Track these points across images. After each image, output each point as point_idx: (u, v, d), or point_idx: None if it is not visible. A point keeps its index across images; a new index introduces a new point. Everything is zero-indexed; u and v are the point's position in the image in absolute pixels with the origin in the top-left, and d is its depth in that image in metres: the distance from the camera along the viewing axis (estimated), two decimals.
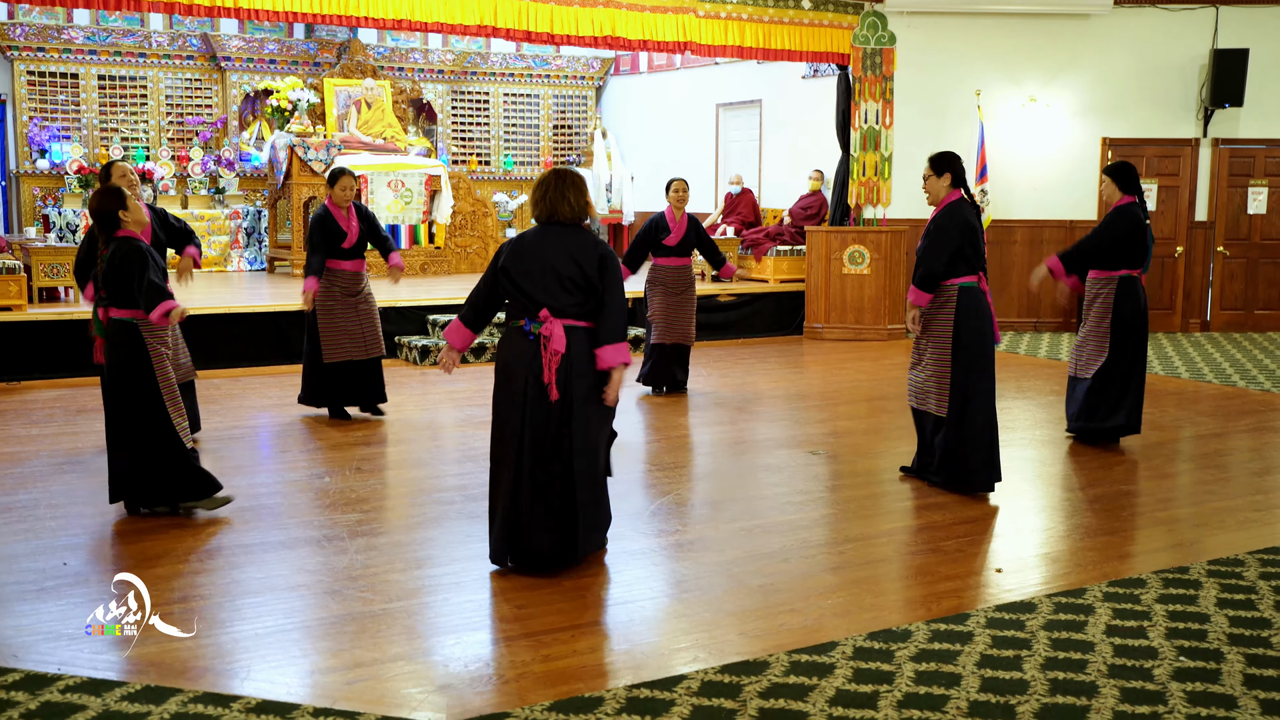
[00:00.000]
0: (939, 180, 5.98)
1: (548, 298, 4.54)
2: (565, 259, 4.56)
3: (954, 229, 5.83)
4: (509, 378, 4.62)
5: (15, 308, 9.31)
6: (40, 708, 3.43)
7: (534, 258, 4.58)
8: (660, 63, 16.18)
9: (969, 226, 5.85)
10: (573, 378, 4.56)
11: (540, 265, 4.56)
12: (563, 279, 4.54)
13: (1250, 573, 4.71)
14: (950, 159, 6.00)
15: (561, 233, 4.64)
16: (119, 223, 5.29)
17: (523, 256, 4.60)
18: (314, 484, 6.15)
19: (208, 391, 8.74)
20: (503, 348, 4.69)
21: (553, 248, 4.59)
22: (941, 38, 12.43)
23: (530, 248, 4.62)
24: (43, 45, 13.95)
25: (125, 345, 5.28)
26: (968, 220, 5.86)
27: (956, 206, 5.91)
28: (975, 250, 5.87)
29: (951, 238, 5.81)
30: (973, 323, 5.84)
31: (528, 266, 4.58)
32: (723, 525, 5.42)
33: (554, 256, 4.56)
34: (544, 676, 3.70)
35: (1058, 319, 12.78)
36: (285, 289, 11.77)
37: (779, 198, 14.19)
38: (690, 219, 8.68)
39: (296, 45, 15.15)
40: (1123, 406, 6.95)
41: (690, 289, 8.73)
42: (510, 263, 4.61)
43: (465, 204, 14.04)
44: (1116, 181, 6.95)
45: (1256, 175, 12.73)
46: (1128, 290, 6.90)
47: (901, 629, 4.08)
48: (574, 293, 4.56)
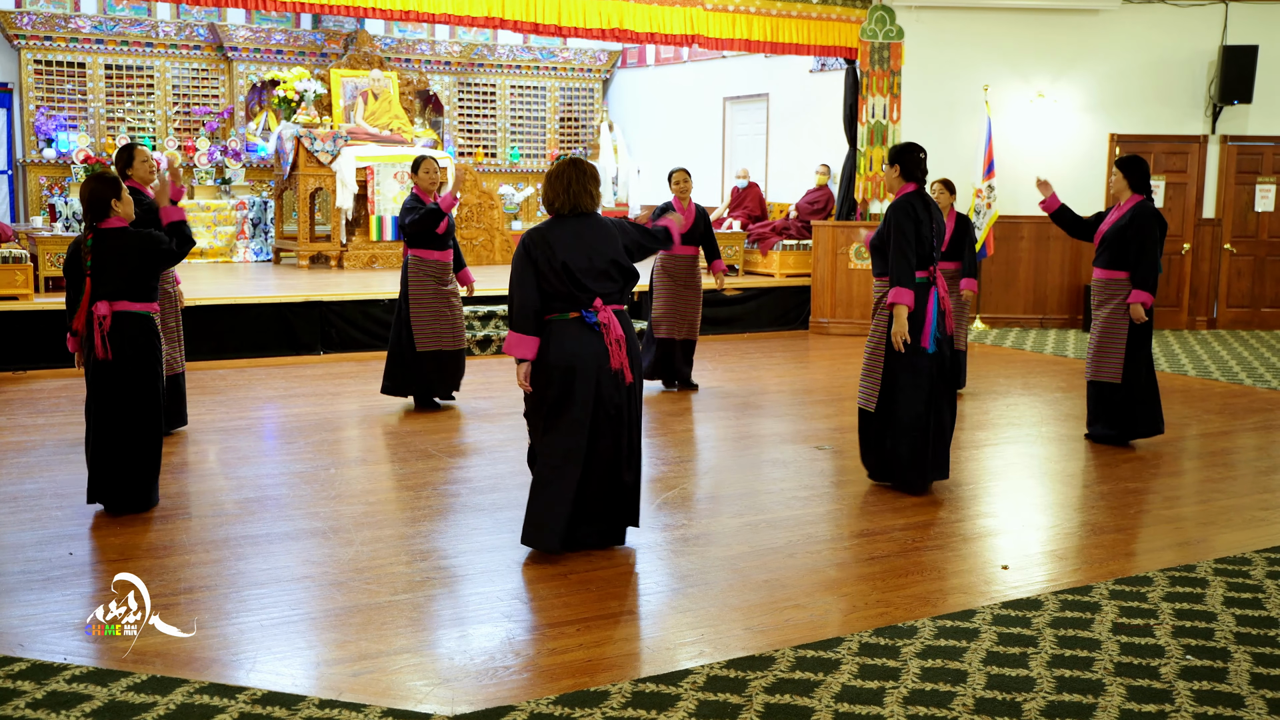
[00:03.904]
0: (890, 171, 5.85)
1: (600, 287, 4.63)
2: (603, 248, 4.65)
3: (909, 226, 5.64)
4: (573, 371, 4.60)
5: (22, 297, 9.32)
6: (46, 697, 3.43)
7: (579, 250, 4.61)
8: (667, 55, 16.14)
9: (916, 219, 5.67)
10: (632, 361, 4.72)
11: (589, 257, 4.61)
12: (609, 268, 4.65)
13: (1257, 571, 4.70)
14: (900, 151, 5.82)
15: (590, 224, 4.69)
16: (109, 211, 5.16)
17: (573, 251, 4.60)
18: (320, 475, 6.15)
19: (213, 382, 8.76)
20: (559, 341, 4.62)
21: (589, 239, 4.64)
22: (949, 32, 12.39)
23: (574, 241, 4.62)
24: (49, 34, 13.93)
25: (139, 339, 5.21)
26: (914, 213, 5.69)
27: (905, 201, 5.74)
28: (920, 244, 5.69)
29: (909, 237, 5.63)
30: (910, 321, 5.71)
31: (579, 260, 4.60)
32: (728, 520, 5.41)
33: (593, 248, 4.63)
34: (549, 670, 3.70)
35: (1064, 315, 12.76)
36: (291, 280, 11.78)
37: (785, 192, 14.16)
38: (699, 209, 8.63)
39: (303, 36, 15.14)
40: (1138, 403, 6.88)
41: (696, 283, 8.71)
42: (568, 258, 4.58)
43: (471, 196, 14.04)
44: (1129, 178, 6.82)
45: (1265, 172, 12.69)
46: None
47: (908, 625, 4.07)
48: (617, 279, 4.70)
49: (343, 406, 8.07)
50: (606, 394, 4.65)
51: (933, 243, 5.76)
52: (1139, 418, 6.91)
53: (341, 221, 13.27)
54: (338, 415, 7.81)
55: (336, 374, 9.29)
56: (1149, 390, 6.92)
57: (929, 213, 5.77)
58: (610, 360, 4.63)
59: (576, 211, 4.69)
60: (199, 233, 13.55)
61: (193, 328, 9.42)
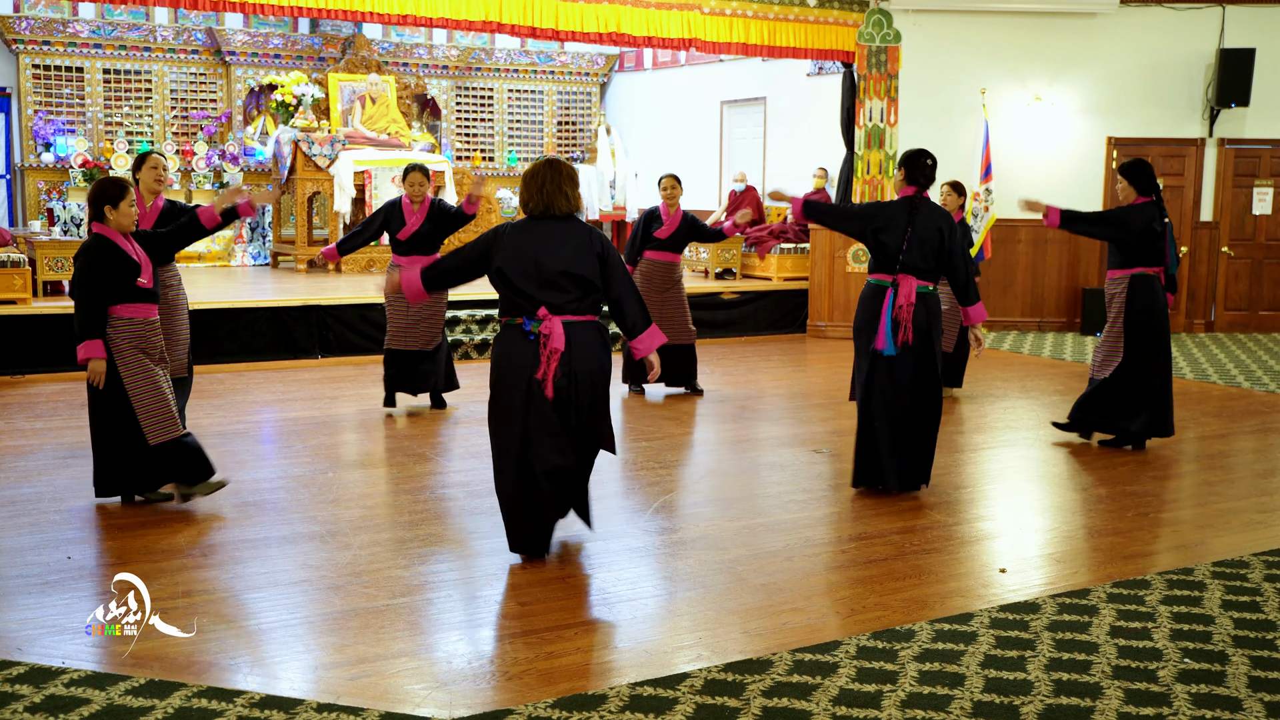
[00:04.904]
0: (898, 175, 5.90)
1: (545, 296, 4.50)
2: (564, 255, 4.51)
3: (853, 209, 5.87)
4: (508, 376, 4.56)
5: (20, 301, 9.31)
6: (44, 701, 3.43)
7: (529, 256, 4.51)
8: (665, 59, 16.16)
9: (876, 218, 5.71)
10: (575, 373, 4.53)
11: (536, 264, 4.50)
12: (561, 276, 4.50)
13: (1255, 574, 4.71)
14: (907, 155, 5.82)
15: (558, 227, 4.57)
16: (102, 216, 5.24)
17: (519, 256, 4.51)
18: (317, 479, 6.15)
19: (211, 386, 8.75)
20: (500, 345, 4.63)
21: (550, 244, 4.52)
22: (947, 36, 12.41)
23: (525, 245, 4.53)
24: (48, 39, 13.94)
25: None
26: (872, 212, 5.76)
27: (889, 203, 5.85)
28: (879, 247, 5.68)
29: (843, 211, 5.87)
30: (861, 317, 5.78)
31: (524, 266, 4.51)
32: (726, 523, 5.41)
33: (552, 253, 4.50)
34: (547, 674, 3.70)
35: (1061, 319, 12.77)
36: (289, 284, 11.78)
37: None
38: (685, 215, 8.56)
39: (301, 40, 15.15)
40: (1143, 407, 6.84)
41: (675, 288, 8.56)
42: (505, 263, 4.52)
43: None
44: (1134, 184, 6.78)
45: (1262, 175, 12.71)
46: (1141, 288, 6.76)
47: (905, 628, 4.07)
48: (570, 290, 4.52)
49: (340, 410, 8.07)
50: (537, 402, 4.52)
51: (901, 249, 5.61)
52: (1149, 419, 6.86)
53: (339, 225, 13.27)
54: (335, 419, 7.81)
55: (334, 378, 9.29)
56: (1164, 393, 6.89)
57: (907, 217, 5.65)
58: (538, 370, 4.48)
59: (550, 214, 4.58)
60: None
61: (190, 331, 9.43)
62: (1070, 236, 12.52)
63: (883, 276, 5.72)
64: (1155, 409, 6.87)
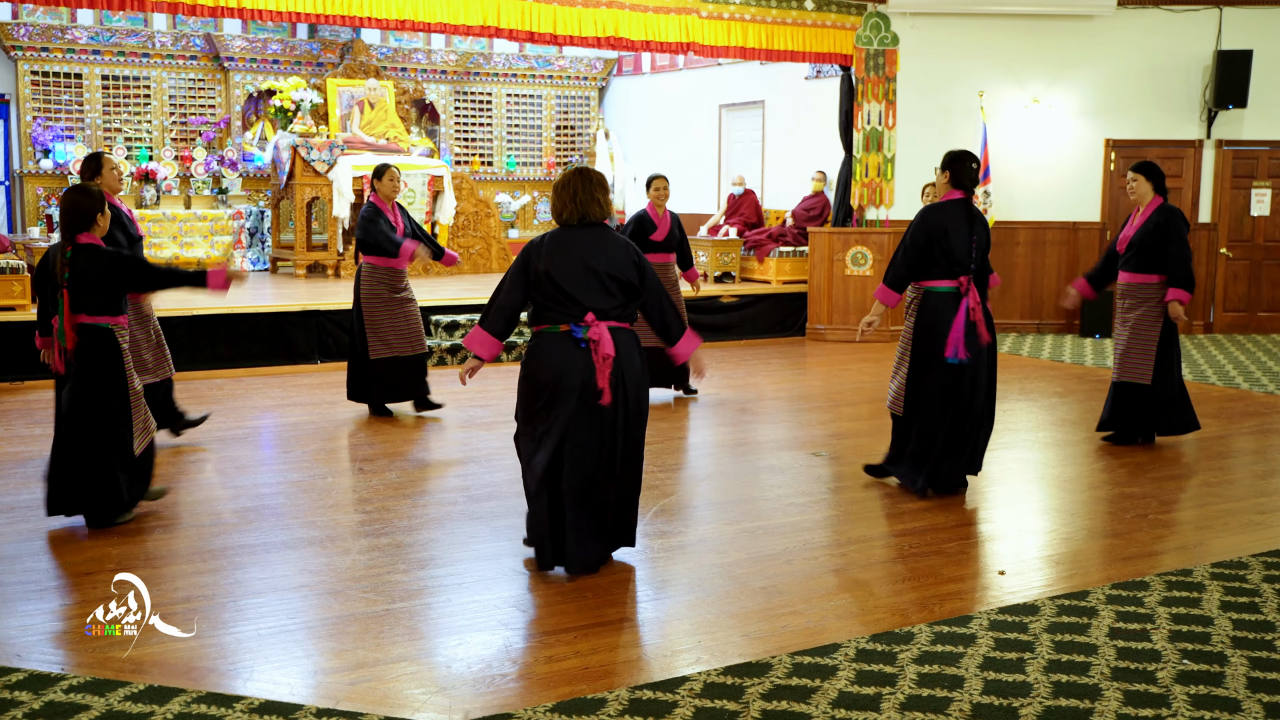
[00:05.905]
0: (941, 177, 5.93)
1: (592, 301, 4.48)
2: (605, 260, 4.50)
3: (920, 238, 5.70)
4: (557, 386, 4.47)
5: (19, 307, 9.31)
6: (44, 707, 3.43)
7: (575, 260, 4.48)
8: (663, 63, 16.16)
9: (939, 229, 5.68)
10: (625, 381, 4.52)
11: (582, 268, 4.47)
12: (605, 281, 4.48)
13: (1254, 575, 4.71)
14: (952, 158, 5.86)
15: (595, 234, 4.56)
16: (91, 225, 5.15)
17: (564, 259, 4.48)
18: (317, 484, 6.15)
19: (210, 391, 8.76)
20: (543, 354, 4.52)
21: (590, 250, 4.50)
22: (944, 39, 12.42)
23: (569, 250, 4.50)
24: (46, 45, 13.94)
25: (99, 351, 5.19)
26: (938, 223, 5.70)
27: (934, 209, 5.81)
28: (945, 254, 5.69)
29: (910, 244, 5.71)
30: (925, 327, 5.75)
31: (570, 269, 4.47)
32: (725, 527, 5.41)
33: (594, 259, 4.49)
34: (547, 677, 3.70)
35: (1060, 321, 12.77)
36: (288, 289, 11.78)
37: (781, 199, 14.18)
38: (673, 216, 8.57)
39: (300, 45, 15.16)
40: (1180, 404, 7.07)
41: (673, 289, 8.56)
42: (552, 266, 4.47)
43: (468, 204, 14.05)
44: (1152, 181, 6.85)
45: (1260, 177, 12.71)
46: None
47: (904, 631, 4.08)
48: (616, 294, 4.52)
49: (339, 415, 8.06)
50: (590, 411, 4.49)
51: (970, 254, 5.70)
52: (1172, 417, 7.05)
53: (338, 230, 13.27)
54: (334, 424, 7.81)
55: (333, 383, 9.27)
56: (1181, 389, 7.06)
57: (965, 224, 5.72)
58: (596, 378, 4.44)
59: (586, 221, 4.57)
60: (195, 242, 13.55)
61: (190, 337, 9.45)
62: (1070, 239, 12.59)
63: (946, 283, 5.71)
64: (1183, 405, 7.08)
